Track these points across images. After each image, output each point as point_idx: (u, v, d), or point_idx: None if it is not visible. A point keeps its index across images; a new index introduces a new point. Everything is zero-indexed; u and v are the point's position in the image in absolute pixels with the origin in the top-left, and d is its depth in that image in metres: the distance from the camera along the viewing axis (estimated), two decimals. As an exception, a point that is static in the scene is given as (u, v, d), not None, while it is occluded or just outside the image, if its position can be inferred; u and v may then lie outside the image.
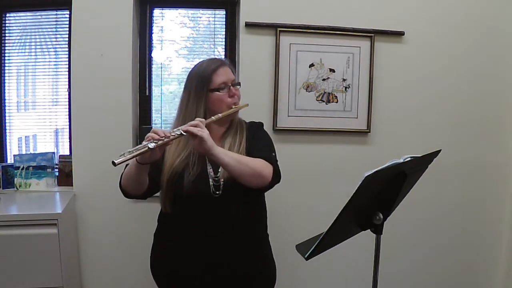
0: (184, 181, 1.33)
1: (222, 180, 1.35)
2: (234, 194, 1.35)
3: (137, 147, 1.19)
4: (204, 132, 1.22)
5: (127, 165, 1.36)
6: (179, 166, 1.35)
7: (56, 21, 2.23)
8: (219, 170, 1.35)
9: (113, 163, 1.12)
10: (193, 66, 1.47)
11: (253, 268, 1.43)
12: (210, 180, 1.35)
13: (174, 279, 1.42)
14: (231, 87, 1.41)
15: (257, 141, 1.43)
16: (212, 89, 1.38)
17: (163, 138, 1.20)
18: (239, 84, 1.47)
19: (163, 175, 1.35)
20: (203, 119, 1.28)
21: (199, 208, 1.35)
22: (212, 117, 1.34)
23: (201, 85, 1.38)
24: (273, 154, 1.40)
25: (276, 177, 1.34)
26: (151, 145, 1.17)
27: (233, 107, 1.41)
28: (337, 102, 2.19)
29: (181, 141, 1.36)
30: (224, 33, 2.31)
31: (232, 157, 1.27)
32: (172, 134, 1.22)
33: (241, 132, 1.44)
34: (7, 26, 2.21)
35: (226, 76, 1.40)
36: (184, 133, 1.22)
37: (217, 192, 1.34)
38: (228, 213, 1.35)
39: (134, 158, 1.21)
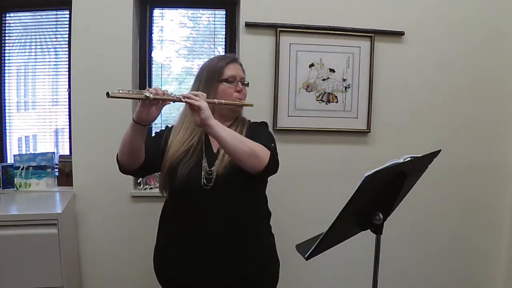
0: (178, 172, 1.33)
1: (215, 173, 1.33)
2: (226, 187, 1.32)
3: (135, 90, 1.20)
4: (202, 103, 1.22)
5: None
6: (179, 156, 1.35)
7: (56, 21, 2.23)
8: (215, 164, 1.35)
9: (107, 94, 1.10)
10: (204, 62, 1.49)
11: (253, 271, 1.40)
12: (203, 172, 1.34)
13: (175, 285, 1.42)
14: (239, 83, 1.43)
15: (257, 133, 1.41)
16: (222, 79, 1.40)
17: (161, 95, 1.20)
18: (247, 84, 1.48)
19: (165, 161, 1.36)
20: (205, 94, 1.27)
21: (189, 201, 1.35)
22: (215, 100, 1.34)
23: (212, 75, 1.40)
24: (273, 144, 1.35)
25: (273, 162, 1.29)
26: (148, 93, 1.17)
27: (238, 101, 1.42)
28: (337, 102, 2.19)
29: (188, 128, 1.38)
30: (224, 33, 2.31)
31: (229, 132, 1.25)
32: (172, 95, 1.23)
33: (241, 128, 1.44)
34: (7, 26, 2.21)
35: (236, 71, 1.43)
36: (183, 99, 1.22)
37: (208, 185, 1.32)
38: (219, 208, 1.33)
39: (132, 118, 1.24)
